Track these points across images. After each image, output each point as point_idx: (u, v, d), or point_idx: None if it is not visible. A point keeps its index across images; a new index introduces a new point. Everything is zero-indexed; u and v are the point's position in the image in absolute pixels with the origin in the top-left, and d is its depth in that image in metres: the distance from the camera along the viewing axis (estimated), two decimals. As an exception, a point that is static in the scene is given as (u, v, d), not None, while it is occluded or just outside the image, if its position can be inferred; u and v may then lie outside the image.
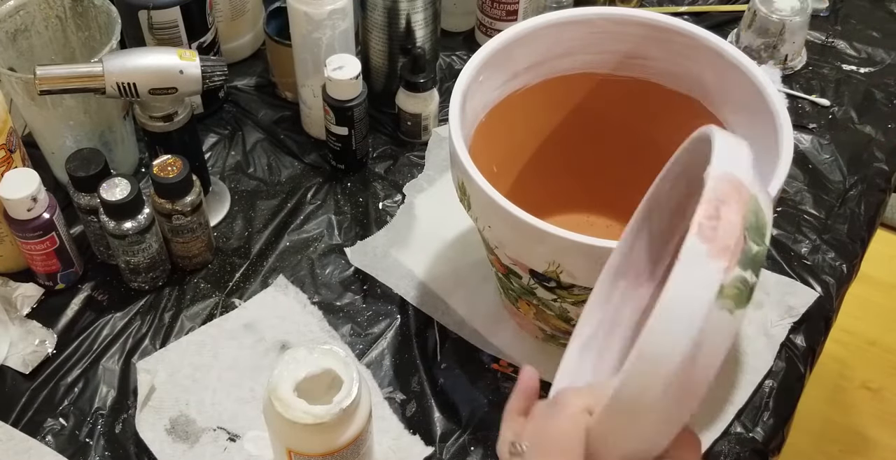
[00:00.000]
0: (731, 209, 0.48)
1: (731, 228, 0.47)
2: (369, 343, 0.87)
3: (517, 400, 0.58)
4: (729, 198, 0.48)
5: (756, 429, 0.83)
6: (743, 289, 0.47)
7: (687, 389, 0.48)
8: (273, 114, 1.05)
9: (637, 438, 0.50)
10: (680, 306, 0.46)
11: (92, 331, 0.87)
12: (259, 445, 0.80)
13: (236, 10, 1.05)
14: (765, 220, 0.49)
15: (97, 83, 0.81)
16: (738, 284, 0.47)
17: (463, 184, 0.72)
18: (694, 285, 0.47)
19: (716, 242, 0.47)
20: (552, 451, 0.50)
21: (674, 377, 0.47)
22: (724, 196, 0.48)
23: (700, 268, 0.47)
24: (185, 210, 0.85)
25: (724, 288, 0.47)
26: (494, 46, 0.77)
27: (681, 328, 0.46)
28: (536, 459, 0.51)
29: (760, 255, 0.48)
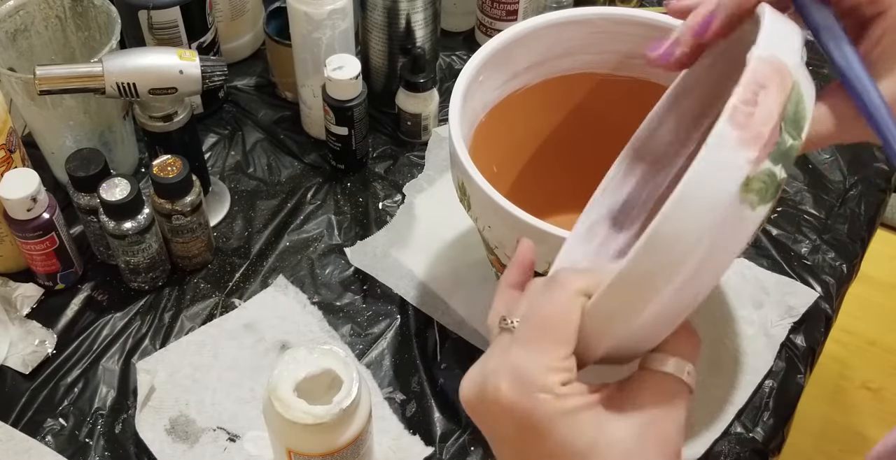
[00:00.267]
0: (771, 95, 0.44)
1: (768, 116, 0.44)
2: (369, 343, 0.87)
3: (512, 273, 0.55)
4: (770, 82, 0.44)
5: (756, 429, 0.83)
6: (769, 183, 0.44)
7: (695, 281, 0.45)
8: (273, 114, 1.05)
9: (634, 326, 0.46)
10: (701, 193, 0.43)
11: (92, 332, 0.87)
12: (259, 445, 0.80)
13: (236, 10, 1.05)
14: (805, 112, 0.45)
15: (97, 83, 0.81)
16: (766, 178, 0.44)
17: (463, 184, 0.72)
18: (719, 173, 0.43)
19: (749, 129, 0.43)
20: (544, 330, 0.47)
21: (683, 266, 0.44)
22: (766, 80, 0.44)
23: (728, 154, 0.43)
24: (184, 210, 0.85)
25: (751, 180, 0.43)
26: (494, 46, 0.77)
27: (699, 216, 0.43)
28: (526, 336, 0.48)
29: (794, 150, 0.45)
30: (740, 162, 0.43)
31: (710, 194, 0.43)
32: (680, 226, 0.43)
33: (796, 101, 0.45)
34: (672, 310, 0.46)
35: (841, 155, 1.03)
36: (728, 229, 0.44)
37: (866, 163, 1.02)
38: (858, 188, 1.00)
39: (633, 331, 0.46)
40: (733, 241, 0.44)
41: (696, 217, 0.43)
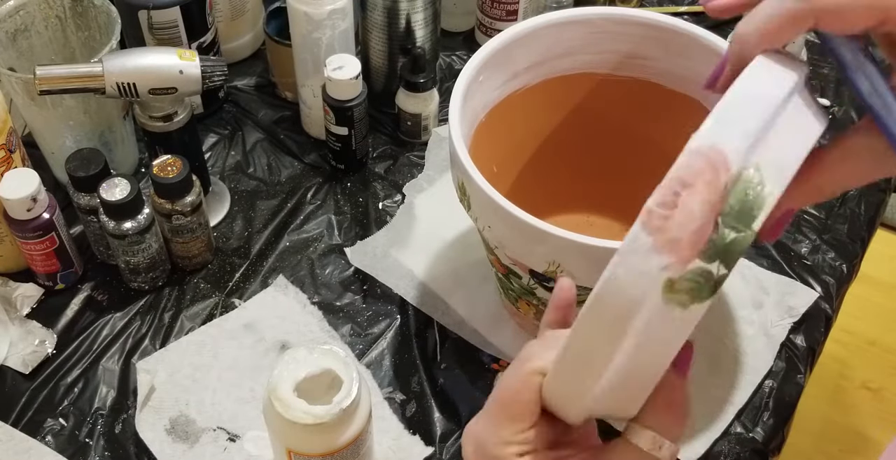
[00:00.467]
0: (696, 195, 0.42)
1: (689, 218, 0.41)
2: (369, 343, 0.87)
3: (550, 312, 0.56)
4: (697, 179, 0.42)
5: (756, 429, 0.83)
6: (703, 282, 0.42)
7: (638, 366, 0.44)
8: (273, 114, 1.05)
9: (591, 402, 0.47)
10: (615, 300, 0.43)
11: (92, 331, 0.87)
12: (259, 445, 0.80)
13: (236, 10, 1.05)
14: (758, 200, 0.42)
15: (97, 83, 0.81)
16: (697, 278, 0.42)
17: (463, 184, 0.72)
18: (635, 278, 0.42)
19: (664, 233, 0.42)
20: (502, 406, 0.51)
21: (614, 357, 0.44)
22: (691, 177, 0.42)
23: (641, 260, 0.42)
24: (184, 210, 0.85)
25: (675, 282, 0.42)
26: (494, 46, 0.77)
27: (618, 319, 0.43)
28: (489, 409, 0.51)
29: (740, 243, 0.42)
30: (654, 268, 0.42)
31: (627, 299, 0.43)
32: (600, 327, 0.44)
33: (743, 191, 0.42)
34: (627, 383, 0.45)
35: (841, 155, 1.03)
36: (657, 328, 0.43)
37: (866, 163, 1.02)
38: (858, 188, 1.00)
39: (593, 404, 0.47)
40: (669, 337, 0.43)
41: (615, 320, 0.43)
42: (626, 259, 0.42)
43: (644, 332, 0.43)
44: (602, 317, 0.44)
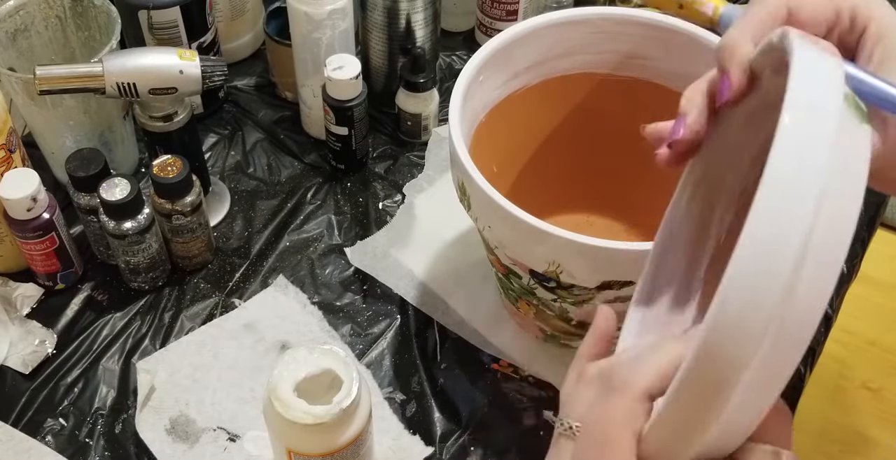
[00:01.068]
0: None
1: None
2: (369, 343, 0.87)
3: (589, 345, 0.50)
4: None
5: (756, 429, 0.82)
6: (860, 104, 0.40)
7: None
8: (273, 114, 1.05)
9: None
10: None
11: (92, 331, 0.87)
12: (259, 445, 0.80)
13: (236, 10, 1.05)
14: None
15: (97, 83, 0.81)
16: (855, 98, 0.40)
17: (463, 184, 0.72)
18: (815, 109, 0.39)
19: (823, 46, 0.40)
20: (603, 448, 0.43)
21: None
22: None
23: (819, 66, 0.39)
24: (184, 210, 0.85)
25: (848, 96, 0.39)
26: (494, 46, 0.77)
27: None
28: (585, 452, 0.44)
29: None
30: (835, 74, 0.40)
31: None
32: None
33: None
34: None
35: (841, 155, 1.02)
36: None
37: (866, 163, 1.02)
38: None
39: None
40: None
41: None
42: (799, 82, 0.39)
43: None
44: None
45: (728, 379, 0.39)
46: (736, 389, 0.39)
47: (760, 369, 0.39)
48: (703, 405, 0.40)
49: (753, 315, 0.37)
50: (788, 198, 0.37)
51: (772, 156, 0.38)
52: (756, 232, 0.37)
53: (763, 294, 0.37)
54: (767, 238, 0.37)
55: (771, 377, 0.39)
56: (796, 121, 0.38)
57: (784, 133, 0.38)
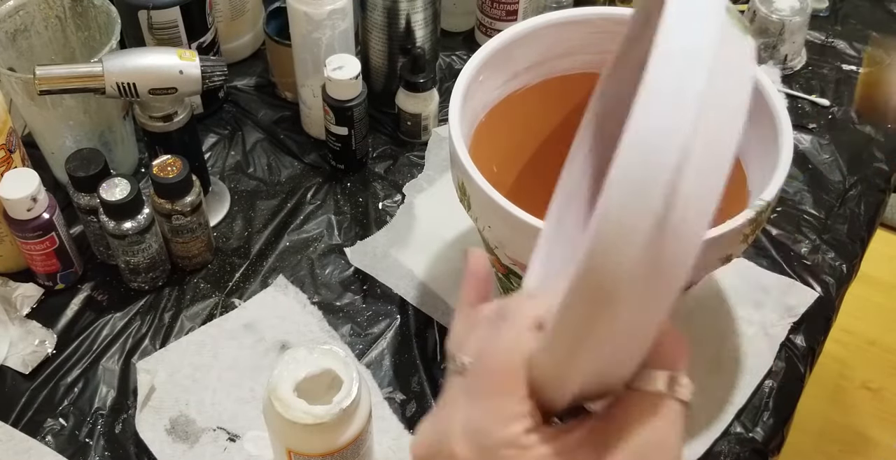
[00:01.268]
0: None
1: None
2: (369, 343, 0.87)
3: (467, 289, 0.49)
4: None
5: (756, 429, 0.83)
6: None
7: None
8: (273, 114, 1.05)
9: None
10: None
11: (92, 331, 0.87)
12: (259, 445, 0.80)
13: (236, 10, 1.05)
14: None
15: (97, 83, 0.81)
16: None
17: (463, 184, 0.72)
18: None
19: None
20: (495, 375, 0.41)
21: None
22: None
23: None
24: (184, 210, 0.85)
25: (730, 9, 0.37)
26: (494, 46, 0.77)
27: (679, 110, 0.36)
28: (477, 385, 0.41)
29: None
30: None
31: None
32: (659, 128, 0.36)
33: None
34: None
35: (840, 155, 1.03)
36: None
37: (866, 163, 1.03)
38: (858, 188, 1.00)
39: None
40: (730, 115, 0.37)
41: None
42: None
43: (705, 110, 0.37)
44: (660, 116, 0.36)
45: (616, 289, 0.36)
46: (624, 301, 0.37)
47: (648, 278, 0.36)
48: (592, 318, 0.37)
49: (637, 218, 0.36)
50: (670, 103, 0.36)
51: (651, 63, 0.36)
52: (636, 137, 0.36)
53: (645, 197, 0.36)
54: (649, 142, 0.36)
55: (660, 288, 0.37)
56: (677, 28, 0.37)
57: (665, 36, 0.36)
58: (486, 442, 0.40)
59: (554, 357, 0.40)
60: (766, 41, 1.07)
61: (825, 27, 1.16)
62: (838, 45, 1.14)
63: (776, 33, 1.05)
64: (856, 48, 1.13)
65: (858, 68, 1.12)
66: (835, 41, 1.14)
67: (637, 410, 0.40)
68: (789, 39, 1.06)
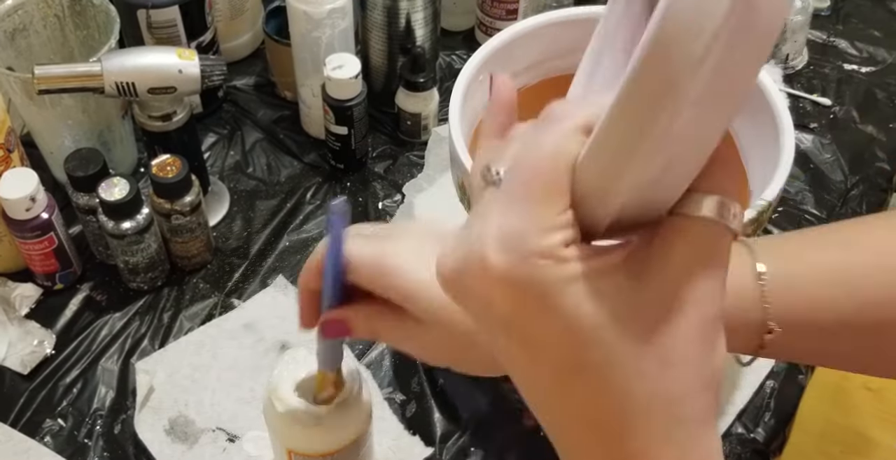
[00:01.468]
0: None
1: None
2: (369, 343, 0.87)
3: (492, 115, 0.45)
4: None
5: (757, 430, 0.82)
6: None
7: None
8: (272, 113, 1.05)
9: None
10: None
11: (91, 332, 0.87)
12: (259, 445, 0.80)
13: (235, 10, 1.05)
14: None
15: (96, 82, 0.81)
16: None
17: (463, 183, 0.72)
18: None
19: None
20: (535, 179, 0.37)
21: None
22: None
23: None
24: (184, 210, 0.85)
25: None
26: (494, 46, 0.77)
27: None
28: (513, 189, 0.37)
29: None
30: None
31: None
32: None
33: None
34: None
35: (842, 154, 1.02)
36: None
37: (867, 162, 1.02)
38: (860, 188, 1.00)
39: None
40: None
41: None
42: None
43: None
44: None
45: (681, 81, 0.32)
46: (688, 96, 0.33)
47: (717, 71, 0.32)
48: (649, 116, 0.33)
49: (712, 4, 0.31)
50: None
51: None
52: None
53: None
54: None
55: (729, 87, 0.33)
56: None
57: None
58: (523, 249, 0.36)
59: (600, 163, 0.36)
60: (766, 40, 1.06)
61: (827, 26, 1.15)
62: (840, 44, 1.14)
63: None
64: (857, 47, 1.13)
65: (860, 68, 1.11)
66: (836, 40, 1.14)
67: (682, 235, 0.36)
68: (791, 38, 1.06)
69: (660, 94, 0.33)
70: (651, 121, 0.33)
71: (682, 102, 0.33)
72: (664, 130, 0.33)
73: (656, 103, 0.33)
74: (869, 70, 1.11)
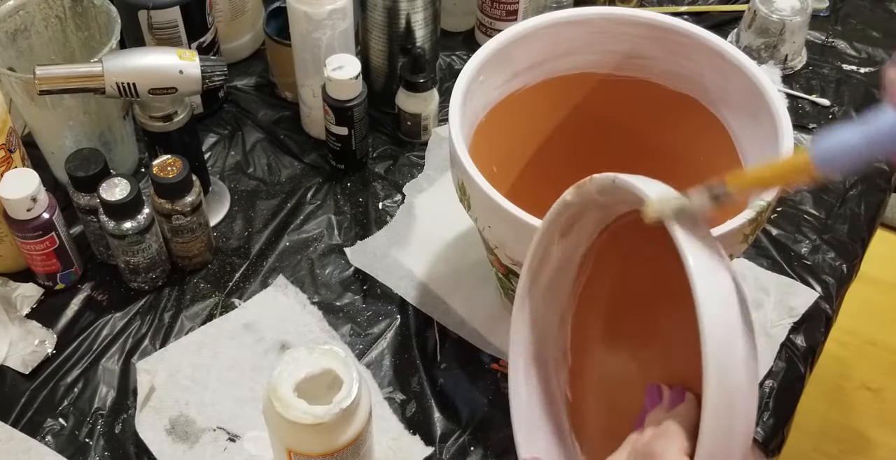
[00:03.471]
0: None
1: None
2: (369, 343, 0.87)
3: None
4: None
5: (756, 429, 0.82)
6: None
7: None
8: (273, 114, 1.05)
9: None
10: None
11: (92, 331, 0.87)
12: (259, 445, 0.80)
13: (236, 10, 1.05)
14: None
15: (97, 83, 0.81)
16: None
17: (463, 184, 0.72)
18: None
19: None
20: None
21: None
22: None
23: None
24: (184, 210, 0.85)
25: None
26: (494, 46, 0.77)
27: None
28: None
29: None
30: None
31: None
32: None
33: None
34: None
35: (841, 155, 1.02)
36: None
37: (866, 163, 1.02)
38: (858, 188, 1.00)
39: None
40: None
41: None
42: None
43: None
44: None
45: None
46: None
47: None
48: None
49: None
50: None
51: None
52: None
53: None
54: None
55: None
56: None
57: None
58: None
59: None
60: (766, 41, 1.07)
61: (825, 27, 1.16)
62: (839, 45, 1.14)
63: (776, 33, 1.05)
64: (856, 48, 1.13)
65: (858, 68, 1.12)
66: (835, 41, 1.14)
67: None
68: (790, 39, 1.06)
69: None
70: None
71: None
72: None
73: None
74: (867, 70, 1.11)
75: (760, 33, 1.06)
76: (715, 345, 0.49)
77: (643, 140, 0.86)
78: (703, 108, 0.80)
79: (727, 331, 0.50)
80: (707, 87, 0.79)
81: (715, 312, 0.49)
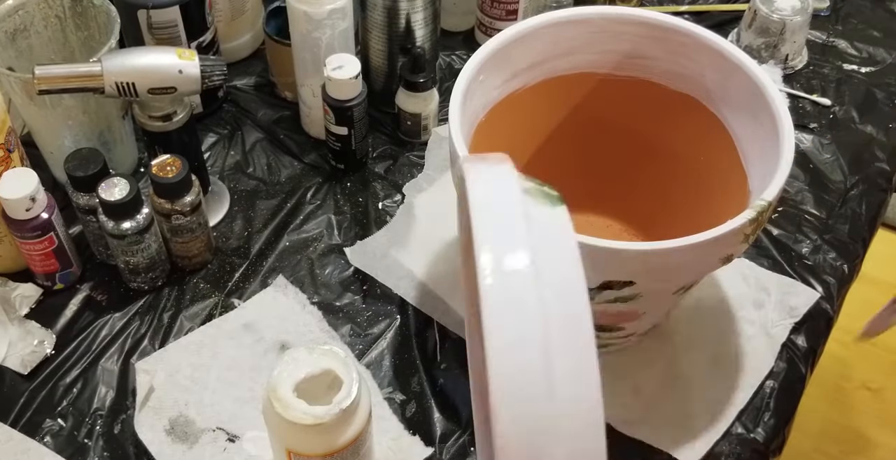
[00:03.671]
0: None
1: None
2: (369, 343, 0.87)
3: None
4: None
5: (757, 430, 0.82)
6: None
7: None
8: (272, 113, 1.05)
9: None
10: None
11: (91, 332, 0.87)
12: (258, 445, 0.80)
13: (236, 10, 1.05)
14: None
15: (96, 83, 0.81)
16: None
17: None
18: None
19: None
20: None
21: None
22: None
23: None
24: (184, 210, 0.85)
25: (529, 189, 0.48)
26: (494, 46, 0.77)
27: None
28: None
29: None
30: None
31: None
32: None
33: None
34: None
35: (842, 154, 1.03)
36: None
37: (867, 162, 1.02)
38: (859, 188, 1.00)
39: None
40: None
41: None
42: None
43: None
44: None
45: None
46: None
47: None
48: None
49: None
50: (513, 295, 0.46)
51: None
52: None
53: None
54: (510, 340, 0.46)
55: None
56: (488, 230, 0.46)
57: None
58: None
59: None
60: (767, 41, 1.06)
61: (826, 27, 1.15)
62: (839, 44, 1.14)
63: (777, 33, 1.05)
64: (857, 48, 1.13)
65: (859, 68, 1.11)
66: (836, 41, 1.14)
67: None
68: (790, 39, 1.06)
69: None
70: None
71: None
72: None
73: None
74: (868, 70, 1.11)
75: (761, 33, 1.06)
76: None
77: (643, 140, 0.86)
78: (704, 107, 0.80)
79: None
80: (708, 87, 0.79)
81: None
